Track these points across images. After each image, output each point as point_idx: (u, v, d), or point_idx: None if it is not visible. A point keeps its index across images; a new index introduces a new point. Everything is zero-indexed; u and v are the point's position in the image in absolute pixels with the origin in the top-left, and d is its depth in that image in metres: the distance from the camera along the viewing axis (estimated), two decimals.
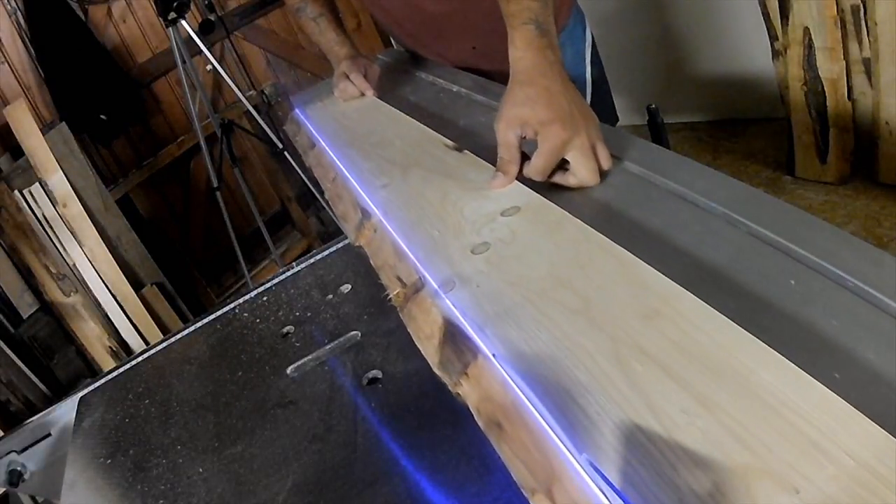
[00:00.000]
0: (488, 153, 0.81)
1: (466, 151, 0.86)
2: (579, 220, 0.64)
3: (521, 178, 0.75)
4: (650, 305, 0.50)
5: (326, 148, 1.07)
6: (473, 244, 0.66)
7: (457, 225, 0.70)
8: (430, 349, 0.59)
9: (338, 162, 1.00)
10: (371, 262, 0.77)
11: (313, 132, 1.18)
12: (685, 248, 0.61)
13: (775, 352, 0.43)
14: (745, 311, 0.50)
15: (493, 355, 0.52)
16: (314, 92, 1.44)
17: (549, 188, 0.75)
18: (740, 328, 0.46)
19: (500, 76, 1.32)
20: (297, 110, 1.33)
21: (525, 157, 0.76)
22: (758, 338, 0.44)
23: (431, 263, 0.65)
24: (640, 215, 0.68)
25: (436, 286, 0.62)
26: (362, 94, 1.21)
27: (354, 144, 1.03)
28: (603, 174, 0.75)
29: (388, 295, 0.69)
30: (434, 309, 0.60)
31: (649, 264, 0.55)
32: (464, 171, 0.81)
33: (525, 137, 0.75)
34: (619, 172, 0.76)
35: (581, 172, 0.73)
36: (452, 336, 0.57)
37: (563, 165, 0.75)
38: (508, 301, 0.56)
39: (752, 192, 0.66)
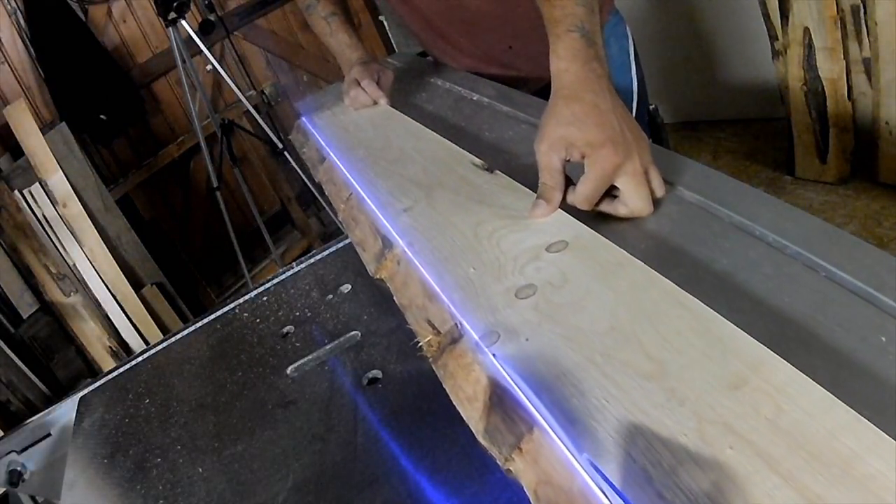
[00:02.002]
0: (521, 174, 0.74)
1: (498, 172, 0.77)
2: (639, 261, 0.55)
3: (564, 206, 0.67)
4: (735, 372, 0.43)
5: (338, 163, 0.98)
6: (517, 286, 0.57)
7: (495, 261, 0.61)
8: (472, 414, 0.50)
9: (352, 180, 0.91)
10: (395, 299, 0.68)
11: (323, 145, 1.08)
12: (759, 296, 0.54)
13: (882, 433, 0.37)
14: (836, 375, 0.44)
15: (554, 433, 0.44)
16: (321, 98, 1.36)
17: (594, 218, 0.67)
18: (841, 402, 0.39)
19: (535, 81, 1.25)
20: (303, 119, 1.24)
21: (569, 182, 0.68)
22: (855, 410, 0.39)
23: (469, 308, 0.57)
24: (703, 253, 0.60)
25: (477, 337, 0.53)
26: (375, 103, 1.13)
27: (369, 160, 0.93)
28: (656, 202, 0.67)
29: (418, 343, 0.59)
30: (476, 366, 0.52)
31: (723, 315, 0.47)
32: (496, 196, 0.72)
33: (569, 160, 0.67)
34: (674, 201, 0.69)
35: (633, 201, 0.66)
36: (500, 401, 0.48)
37: (610, 192, 0.67)
38: (566, 360, 0.48)
39: (827, 229, 0.59)
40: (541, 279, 0.57)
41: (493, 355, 0.51)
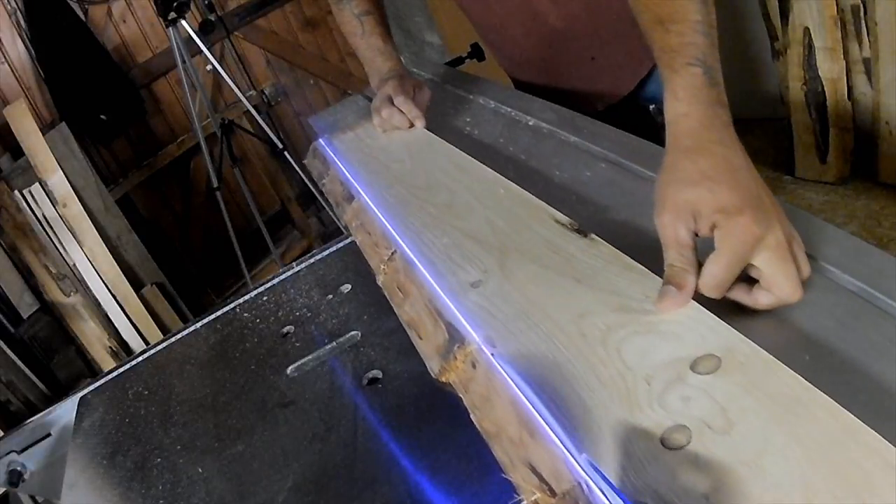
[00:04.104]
0: (616, 236, 0.59)
1: (594, 236, 0.59)
2: (824, 395, 0.40)
3: (698, 298, 0.51)
4: None
5: (373, 207, 0.79)
6: (662, 427, 0.41)
7: (619, 380, 0.45)
8: None
9: (395, 234, 0.71)
10: (472, 417, 0.51)
11: (349, 178, 0.90)
12: None
13: None
14: None
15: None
16: (337, 114, 1.19)
17: (727, 312, 0.50)
18: None
19: (610, 96, 1.14)
20: (321, 141, 1.05)
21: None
22: None
23: (598, 458, 0.40)
24: (888, 373, 0.46)
25: None
26: (411, 125, 0.96)
27: (413, 204, 0.75)
28: (803, 286, 0.52)
29: (520, 502, 0.43)
30: None
31: None
32: (600, 273, 0.55)
33: (697, 234, 0.53)
34: (827, 288, 0.53)
35: (780, 285, 0.50)
36: None
37: (742, 276, 0.53)
38: None
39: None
40: (693, 417, 0.41)
41: None
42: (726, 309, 0.51)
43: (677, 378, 0.43)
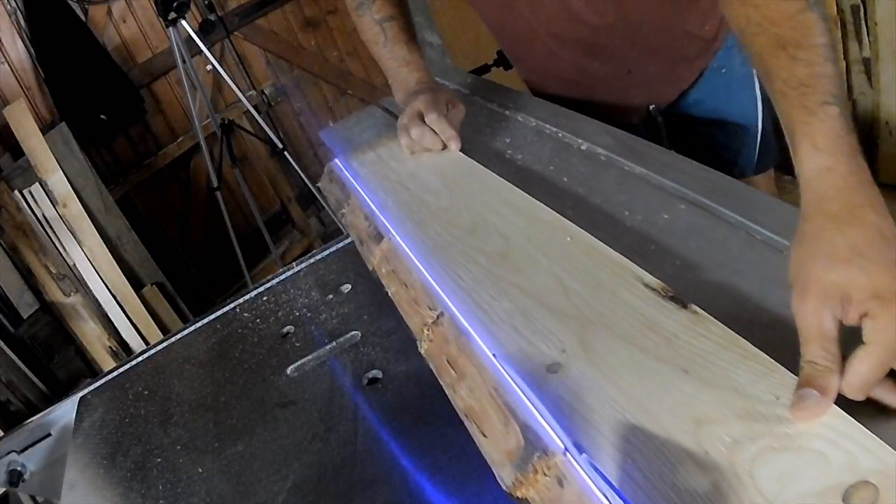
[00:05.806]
0: (713, 303, 0.48)
1: (696, 309, 0.48)
2: None
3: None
4: None
5: (411, 254, 0.66)
6: None
7: None
8: None
9: (441, 292, 0.59)
10: None
11: (377, 213, 0.76)
12: None
13: None
14: None
15: None
16: (354, 127, 1.07)
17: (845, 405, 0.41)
18: None
19: (643, 109, 1.03)
20: (338, 162, 0.93)
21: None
22: None
23: None
24: None
25: None
26: (443, 147, 0.84)
27: (458, 251, 0.62)
28: None
29: None
30: None
31: None
32: (712, 361, 0.44)
33: (842, 321, 0.43)
34: None
35: None
36: None
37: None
38: None
39: None
40: None
41: None
42: (850, 404, 0.42)
43: None
